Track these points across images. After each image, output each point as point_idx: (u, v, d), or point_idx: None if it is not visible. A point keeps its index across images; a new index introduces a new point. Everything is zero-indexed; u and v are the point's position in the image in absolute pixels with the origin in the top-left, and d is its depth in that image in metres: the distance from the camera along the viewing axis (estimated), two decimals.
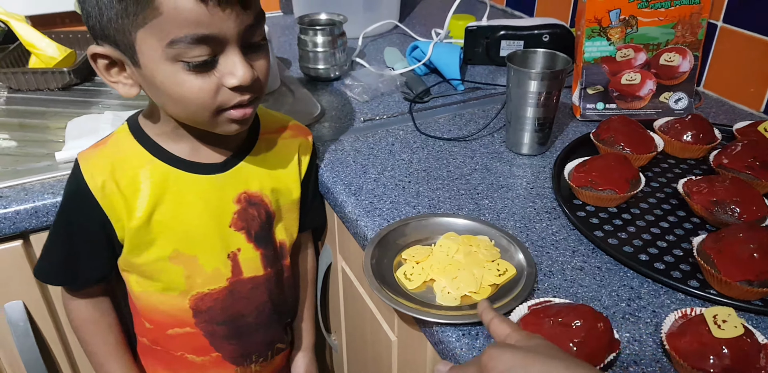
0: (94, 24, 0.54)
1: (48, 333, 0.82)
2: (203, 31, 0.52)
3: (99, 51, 0.56)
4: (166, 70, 0.54)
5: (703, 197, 0.66)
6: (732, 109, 0.94)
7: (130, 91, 0.58)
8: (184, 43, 0.52)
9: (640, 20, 0.86)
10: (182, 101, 0.56)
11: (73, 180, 0.63)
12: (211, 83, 0.55)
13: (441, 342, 0.53)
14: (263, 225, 0.70)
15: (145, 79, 0.56)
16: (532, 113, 0.79)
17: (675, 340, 0.49)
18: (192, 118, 0.59)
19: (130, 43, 0.53)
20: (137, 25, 0.52)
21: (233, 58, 0.55)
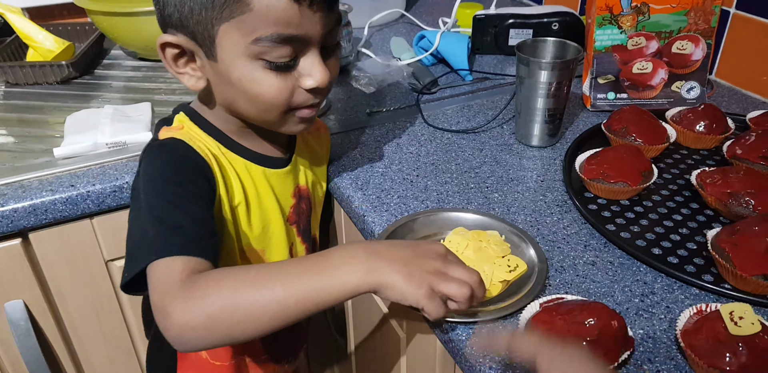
0: (171, 12, 0.52)
1: (50, 332, 0.81)
2: (291, 31, 0.51)
3: (171, 40, 0.54)
4: (245, 66, 0.52)
5: (717, 188, 0.65)
6: (744, 98, 0.92)
7: (197, 84, 0.57)
8: (269, 42, 0.51)
9: (652, 7, 0.84)
10: (256, 99, 0.54)
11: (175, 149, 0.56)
12: (289, 84, 0.54)
13: (451, 341, 0.52)
14: (308, 219, 0.70)
15: (218, 73, 0.54)
16: (543, 104, 0.77)
17: (690, 337, 0.47)
18: (261, 116, 0.57)
19: (210, 35, 0.52)
20: (222, 18, 0.50)
21: (313, 60, 0.54)
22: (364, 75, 1.00)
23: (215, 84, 0.56)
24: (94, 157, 0.77)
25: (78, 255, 0.77)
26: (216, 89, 0.57)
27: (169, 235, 0.49)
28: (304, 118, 0.58)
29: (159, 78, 1.00)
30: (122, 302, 0.83)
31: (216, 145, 0.59)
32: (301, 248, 0.70)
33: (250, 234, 0.63)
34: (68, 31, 1.11)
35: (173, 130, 0.59)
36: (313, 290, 0.46)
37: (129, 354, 0.87)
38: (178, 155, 0.56)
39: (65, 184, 0.72)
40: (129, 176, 0.74)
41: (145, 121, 0.84)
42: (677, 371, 0.48)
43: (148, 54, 1.05)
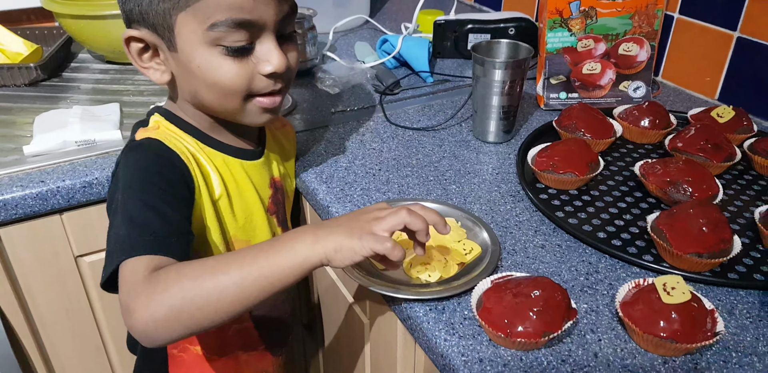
0: (132, 7, 0.55)
1: (20, 328, 0.81)
2: (245, 15, 0.53)
3: (134, 34, 0.55)
4: (204, 54, 0.54)
5: (658, 177, 0.69)
6: (689, 97, 0.98)
7: (162, 78, 0.58)
8: (224, 27, 0.53)
9: (599, 11, 0.90)
10: (216, 86, 0.56)
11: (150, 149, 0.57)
12: (247, 69, 0.56)
13: (409, 318, 0.55)
14: (284, 210, 0.73)
15: (180, 64, 0.56)
16: (497, 102, 0.81)
17: (628, 308, 0.51)
18: (223, 104, 0.58)
19: (169, 26, 0.54)
20: (179, 7, 0.53)
21: (269, 46, 0.56)
22: (329, 77, 1.03)
23: (179, 76, 0.58)
24: (64, 154, 0.78)
25: (47, 251, 0.78)
26: (180, 82, 0.59)
27: (138, 234, 0.51)
28: (266, 108, 0.59)
29: (127, 80, 1.02)
30: (92, 298, 0.84)
31: (193, 142, 0.61)
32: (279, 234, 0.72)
33: (235, 225, 0.65)
34: (36, 35, 1.12)
35: (149, 131, 0.60)
36: (267, 269, 0.47)
37: (98, 350, 0.88)
38: (154, 155, 0.57)
39: (35, 180, 0.74)
40: (98, 172, 0.76)
41: (113, 121, 0.85)
42: (617, 339, 0.52)
43: (116, 57, 1.07)
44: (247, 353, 0.71)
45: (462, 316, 0.54)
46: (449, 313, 0.54)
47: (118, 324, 0.88)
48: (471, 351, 0.50)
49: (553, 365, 0.49)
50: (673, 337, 0.49)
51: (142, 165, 0.56)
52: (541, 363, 0.49)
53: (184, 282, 0.46)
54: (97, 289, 0.84)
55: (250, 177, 0.66)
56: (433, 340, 0.52)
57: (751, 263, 0.60)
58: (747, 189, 0.73)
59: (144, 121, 0.63)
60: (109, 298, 0.85)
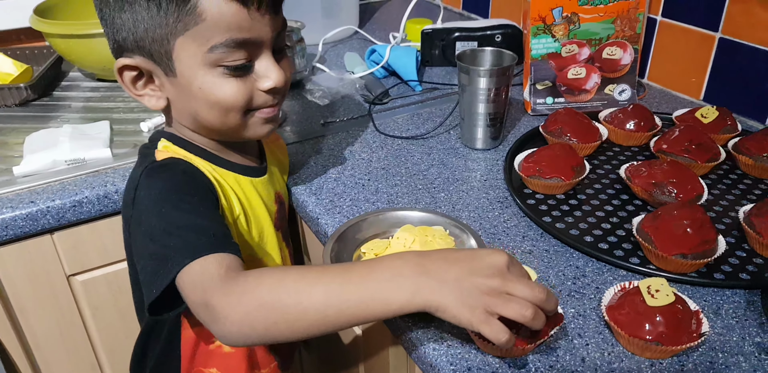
0: (125, 36, 0.55)
1: (12, 349, 0.81)
2: (244, 35, 0.54)
3: (128, 62, 0.56)
4: (205, 75, 0.55)
5: (643, 179, 0.70)
6: (674, 98, 0.99)
7: (157, 104, 0.59)
8: (224, 48, 0.54)
9: (582, 17, 0.91)
10: (218, 105, 0.57)
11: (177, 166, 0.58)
12: (247, 86, 0.57)
13: (399, 328, 0.56)
14: (287, 224, 0.74)
15: (179, 88, 0.56)
16: (484, 109, 0.82)
17: (614, 312, 0.52)
18: (224, 122, 0.58)
19: (167, 51, 0.54)
20: (177, 33, 0.53)
21: (267, 62, 0.57)
22: (318, 88, 1.04)
23: (176, 100, 0.58)
24: (54, 174, 0.79)
25: (39, 270, 0.78)
26: (177, 106, 0.59)
27: (195, 237, 0.49)
28: (267, 117, 0.60)
29: (117, 97, 1.03)
30: (85, 317, 0.85)
31: (206, 164, 0.61)
32: (287, 253, 0.72)
33: (252, 243, 0.65)
34: (26, 55, 1.13)
35: (166, 153, 0.60)
36: (355, 304, 0.44)
37: (93, 368, 0.88)
38: (181, 171, 0.57)
39: (25, 200, 0.74)
40: (88, 191, 0.76)
41: (103, 139, 0.86)
42: (604, 343, 0.52)
43: (106, 75, 1.08)
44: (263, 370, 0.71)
45: (450, 325, 0.54)
46: (438, 322, 0.54)
47: (112, 342, 0.88)
48: (459, 360, 0.51)
49: (541, 370, 0.49)
50: (658, 339, 0.49)
51: (173, 180, 0.56)
52: (529, 370, 0.50)
53: (263, 291, 0.45)
54: (90, 307, 0.84)
55: (259, 194, 0.66)
56: (422, 350, 0.52)
57: (737, 263, 0.60)
58: (732, 188, 0.73)
59: (149, 147, 0.62)
60: (102, 316, 0.85)
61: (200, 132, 0.61)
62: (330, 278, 0.46)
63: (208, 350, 0.65)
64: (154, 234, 0.51)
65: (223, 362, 0.66)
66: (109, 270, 0.83)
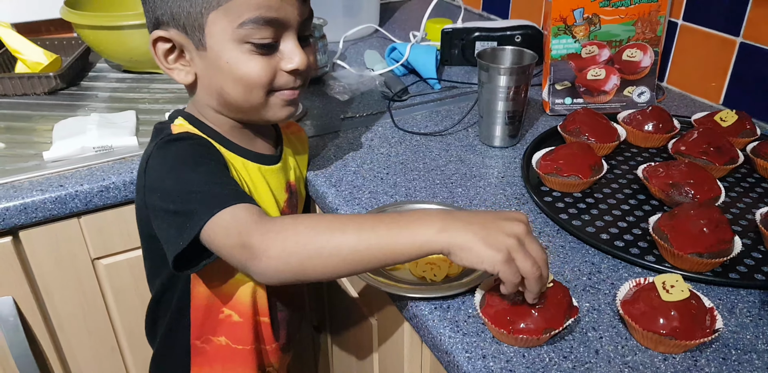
0: (164, 11, 0.58)
1: (38, 328, 0.84)
2: (272, 14, 0.57)
3: (163, 34, 0.59)
4: (233, 50, 0.58)
5: (661, 179, 0.71)
6: (693, 102, 0.99)
7: (186, 78, 0.62)
8: (253, 24, 0.57)
9: (603, 18, 0.91)
10: (242, 80, 0.59)
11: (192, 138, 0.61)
12: (272, 65, 0.60)
13: (415, 316, 0.57)
14: (297, 212, 0.75)
15: (207, 61, 0.59)
16: (503, 107, 0.83)
17: (629, 306, 0.53)
18: (248, 98, 0.61)
19: (200, 25, 0.57)
20: (211, 7, 0.56)
21: (292, 44, 0.60)
22: (338, 84, 1.05)
23: (204, 75, 0.61)
24: (82, 160, 0.81)
25: (65, 253, 0.80)
26: (204, 81, 0.62)
27: (219, 190, 0.53)
28: (288, 99, 0.63)
29: (143, 88, 1.05)
30: (107, 300, 0.87)
31: (216, 145, 0.63)
32: None
33: None
34: (55, 45, 1.15)
35: (182, 129, 0.63)
36: (384, 240, 0.47)
37: (113, 350, 0.90)
38: (196, 142, 0.61)
39: (54, 184, 0.76)
40: (115, 177, 0.78)
41: (130, 127, 0.88)
42: (618, 337, 0.53)
43: (132, 66, 1.10)
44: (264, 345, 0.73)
45: (466, 314, 0.55)
46: (454, 311, 0.56)
47: (133, 325, 0.90)
48: (475, 348, 0.52)
49: (554, 361, 0.50)
50: (672, 334, 0.50)
51: (187, 150, 0.59)
52: (543, 359, 0.51)
53: (300, 229, 0.48)
54: (113, 291, 0.86)
55: (267, 181, 0.68)
56: (437, 337, 0.54)
57: (752, 264, 0.61)
58: (749, 191, 0.74)
59: (166, 124, 0.66)
60: (123, 299, 0.88)
61: (222, 110, 0.64)
62: (362, 219, 0.49)
63: (218, 319, 0.67)
64: (172, 195, 0.54)
65: (231, 331, 0.68)
66: (132, 255, 0.85)
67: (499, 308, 0.52)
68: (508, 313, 0.51)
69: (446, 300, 0.57)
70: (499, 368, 0.50)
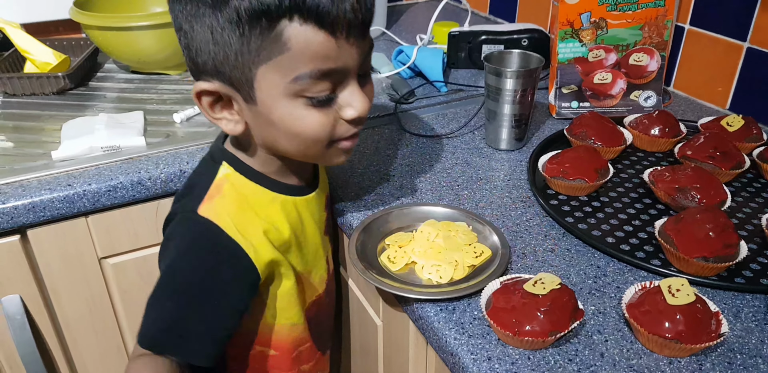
0: (205, 60, 0.52)
1: (44, 327, 0.84)
2: (330, 65, 0.51)
3: (207, 87, 0.54)
4: (286, 106, 0.53)
5: (667, 184, 0.71)
6: (700, 107, 0.99)
7: (236, 128, 0.56)
8: (308, 79, 0.51)
9: (610, 22, 0.92)
10: (299, 136, 0.55)
11: (199, 233, 0.57)
12: (330, 117, 0.54)
13: (421, 318, 0.57)
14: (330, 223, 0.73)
15: (258, 115, 0.54)
16: (509, 110, 0.83)
17: (634, 309, 0.53)
18: (304, 152, 0.57)
19: (248, 79, 0.52)
20: (259, 61, 0.50)
21: (352, 90, 0.54)
22: None
23: (255, 126, 0.56)
24: (90, 159, 0.82)
25: (73, 252, 0.81)
26: (256, 131, 0.57)
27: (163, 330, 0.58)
28: (346, 149, 0.59)
29: (150, 89, 1.06)
30: (114, 299, 0.87)
31: (263, 193, 0.61)
32: (330, 252, 0.72)
33: (304, 259, 0.66)
34: (64, 46, 1.16)
35: (208, 203, 0.58)
36: None
37: (119, 349, 0.90)
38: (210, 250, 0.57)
39: (63, 183, 0.77)
40: (123, 177, 0.79)
41: (138, 128, 0.89)
42: (624, 340, 0.53)
43: (141, 67, 1.11)
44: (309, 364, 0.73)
45: (472, 316, 0.55)
46: (459, 313, 0.56)
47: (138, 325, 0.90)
48: (480, 350, 0.52)
49: (560, 364, 0.51)
50: (677, 337, 0.50)
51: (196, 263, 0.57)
52: (548, 362, 0.51)
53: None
54: (119, 290, 0.86)
55: (311, 211, 0.66)
56: (443, 339, 0.54)
57: (758, 268, 0.61)
58: (756, 196, 0.74)
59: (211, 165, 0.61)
60: (130, 299, 0.88)
61: (273, 154, 0.60)
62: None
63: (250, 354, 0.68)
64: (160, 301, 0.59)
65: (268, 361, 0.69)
66: (138, 255, 0.85)
67: (504, 310, 0.52)
68: (513, 315, 0.51)
69: (452, 302, 0.57)
70: (504, 371, 0.50)
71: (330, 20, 0.49)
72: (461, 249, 0.63)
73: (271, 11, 0.48)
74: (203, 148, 0.85)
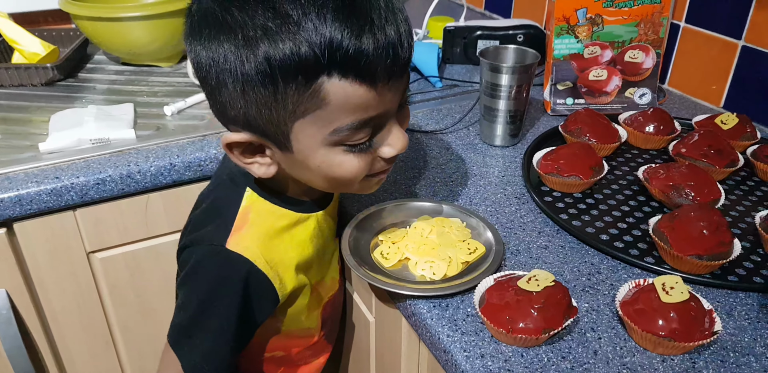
0: (236, 114, 0.49)
1: (31, 322, 0.83)
2: (371, 113, 0.49)
3: (237, 139, 0.51)
4: (325, 154, 0.51)
5: (661, 181, 0.70)
6: (694, 105, 0.99)
7: (268, 172, 0.54)
8: (348, 130, 0.49)
9: (606, 19, 0.91)
10: (336, 180, 0.53)
11: (231, 268, 0.56)
12: (369, 158, 0.53)
13: (413, 315, 0.57)
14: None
15: (294, 161, 0.52)
16: (504, 106, 0.83)
17: (628, 307, 0.52)
18: (338, 189, 0.57)
19: (283, 132, 0.49)
20: (296, 116, 0.48)
21: (390, 128, 0.52)
22: None
23: (289, 169, 0.55)
24: (78, 152, 0.80)
25: (60, 246, 0.79)
26: (290, 172, 0.55)
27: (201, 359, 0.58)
28: (380, 181, 0.58)
29: (141, 81, 1.04)
30: (102, 294, 0.86)
31: (289, 215, 0.59)
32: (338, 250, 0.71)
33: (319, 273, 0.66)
34: (53, 36, 1.14)
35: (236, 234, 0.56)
36: None
37: (107, 345, 0.89)
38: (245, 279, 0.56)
39: (50, 176, 0.75)
40: (112, 170, 0.77)
41: (128, 120, 0.87)
42: (617, 338, 0.53)
43: (131, 58, 1.09)
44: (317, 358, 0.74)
45: (465, 313, 0.55)
46: (452, 310, 0.55)
47: (127, 320, 0.89)
48: (473, 347, 0.51)
49: (553, 361, 0.50)
50: (671, 335, 0.50)
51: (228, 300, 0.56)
52: (541, 359, 0.50)
53: None
54: (108, 285, 0.85)
55: (328, 222, 0.65)
56: (436, 336, 0.53)
57: (751, 267, 0.61)
58: (749, 195, 0.74)
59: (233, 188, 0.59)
60: (118, 294, 0.87)
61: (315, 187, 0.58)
62: None
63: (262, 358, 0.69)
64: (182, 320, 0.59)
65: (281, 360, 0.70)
66: (127, 249, 0.84)
67: (498, 308, 0.51)
68: (507, 312, 0.51)
69: (445, 299, 0.57)
70: (497, 368, 0.49)
71: (372, 72, 0.46)
72: (455, 245, 0.62)
73: (309, 67, 0.45)
74: (194, 141, 0.84)
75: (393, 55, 0.46)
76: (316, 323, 0.69)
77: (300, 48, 0.44)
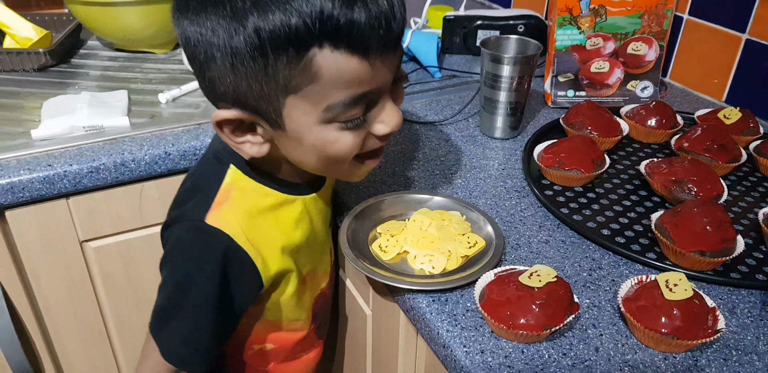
0: (226, 90, 0.48)
1: (24, 311, 0.82)
2: (364, 88, 0.48)
3: (228, 116, 0.50)
4: (319, 132, 0.50)
5: (663, 176, 0.70)
6: (696, 98, 0.98)
7: (260, 151, 0.53)
8: (342, 106, 0.48)
9: (609, 10, 0.90)
10: (330, 158, 0.52)
11: (209, 244, 0.55)
12: (362, 135, 0.52)
13: (412, 309, 0.56)
14: None
15: (286, 139, 0.51)
16: (505, 97, 0.81)
17: (630, 303, 0.52)
18: (329, 169, 0.55)
19: (275, 109, 0.48)
20: (288, 91, 0.47)
21: (383, 105, 0.51)
22: None
23: (282, 147, 0.54)
24: (71, 139, 0.79)
25: (53, 234, 0.78)
26: (282, 150, 0.54)
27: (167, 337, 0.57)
28: (370, 168, 0.57)
29: (135, 68, 1.02)
30: (95, 283, 0.85)
31: (273, 196, 0.58)
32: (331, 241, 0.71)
33: (307, 263, 0.65)
34: (45, 21, 1.12)
35: (216, 210, 0.55)
36: None
37: (100, 334, 0.88)
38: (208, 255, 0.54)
39: (43, 163, 0.74)
40: (105, 158, 0.76)
41: (121, 107, 0.85)
42: (619, 335, 0.52)
43: (125, 44, 1.07)
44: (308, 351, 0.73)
45: (465, 308, 0.54)
46: (452, 304, 0.55)
47: (121, 309, 0.88)
48: (473, 342, 0.51)
49: (554, 358, 0.50)
50: (674, 333, 0.49)
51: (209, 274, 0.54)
52: (542, 356, 0.50)
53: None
54: (101, 274, 0.84)
55: (319, 208, 0.64)
56: (435, 331, 0.52)
57: (754, 264, 0.60)
58: (752, 190, 0.73)
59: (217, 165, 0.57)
60: (112, 283, 0.86)
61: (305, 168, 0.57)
62: None
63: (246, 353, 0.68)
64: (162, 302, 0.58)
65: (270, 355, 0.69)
66: (121, 238, 0.83)
67: (499, 303, 0.51)
68: (508, 308, 0.50)
69: (444, 293, 0.56)
70: (497, 364, 0.49)
71: (364, 43, 0.45)
72: (455, 239, 0.61)
73: (300, 39, 0.44)
74: (189, 129, 0.82)
75: (386, 26, 0.45)
76: (305, 316, 0.68)
77: (290, 18, 0.43)
